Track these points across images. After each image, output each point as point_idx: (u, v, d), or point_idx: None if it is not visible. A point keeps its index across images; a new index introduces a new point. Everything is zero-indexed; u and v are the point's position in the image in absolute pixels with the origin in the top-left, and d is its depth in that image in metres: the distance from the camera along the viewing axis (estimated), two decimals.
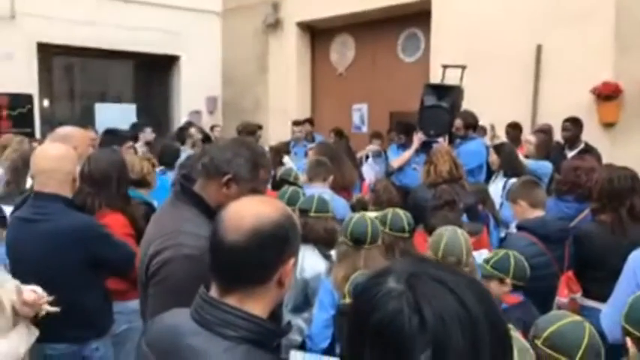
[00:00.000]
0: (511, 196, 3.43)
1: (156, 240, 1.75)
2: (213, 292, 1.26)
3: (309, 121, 7.67)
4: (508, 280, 2.49)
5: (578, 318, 1.90)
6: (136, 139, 6.25)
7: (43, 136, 6.34)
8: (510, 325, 1.53)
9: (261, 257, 1.20)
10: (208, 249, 1.28)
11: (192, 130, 6.79)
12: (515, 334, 1.35)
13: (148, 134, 6.77)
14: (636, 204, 2.90)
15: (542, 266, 3.04)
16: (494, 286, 2.50)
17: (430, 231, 3.10)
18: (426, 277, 0.83)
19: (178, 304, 1.34)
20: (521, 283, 2.50)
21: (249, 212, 1.22)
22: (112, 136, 4.98)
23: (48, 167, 2.42)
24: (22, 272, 2.46)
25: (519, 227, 3.28)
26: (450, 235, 2.54)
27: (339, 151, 4.68)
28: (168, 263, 1.68)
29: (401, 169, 5.82)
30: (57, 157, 2.45)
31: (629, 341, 1.71)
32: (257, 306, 1.22)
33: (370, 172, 6.17)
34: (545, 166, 4.77)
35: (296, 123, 7.44)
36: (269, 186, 4.94)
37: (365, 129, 8.43)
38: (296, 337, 2.74)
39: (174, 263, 1.67)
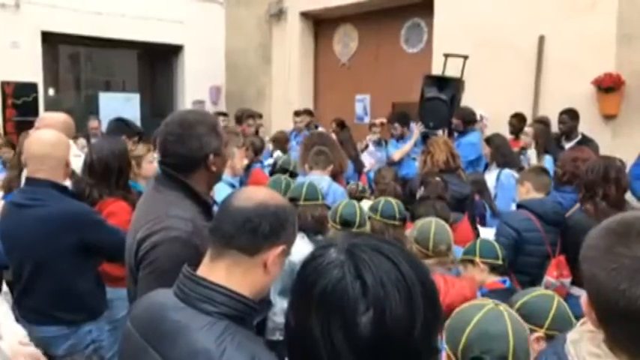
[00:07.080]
0: (519, 178, 3.59)
1: (143, 225, 1.76)
2: (204, 264, 1.31)
3: (308, 112, 7.70)
4: (478, 260, 2.52)
5: (549, 292, 1.95)
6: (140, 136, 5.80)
7: None
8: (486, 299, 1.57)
9: (257, 226, 1.27)
10: (216, 213, 1.38)
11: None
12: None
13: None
14: (610, 193, 2.98)
15: (533, 241, 3.17)
16: (475, 272, 2.53)
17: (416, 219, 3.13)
18: (364, 247, 0.89)
19: (167, 285, 1.37)
20: (490, 260, 2.53)
21: (261, 192, 1.38)
22: (123, 125, 4.68)
23: (40, 153, 2.44)
24: (15, 257, 2.51)
25: (519, 206, 3.39)
26: (437, 225, 2.56)
27: (330, 140, 4.71)
28: (156, 246, 1.70)
29: (401, 160, 5.87)
30: (49, 143, 2.47)
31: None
32: (242, 283, 1.27)
33: (369, 159, 6.20)
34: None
35: (297, 113, 7.50)
36: (267, 172, 5.00)
37: (368, 119, 8.41)
38: (282, 320, 2.77)
39: (162, 246, 1.69)
